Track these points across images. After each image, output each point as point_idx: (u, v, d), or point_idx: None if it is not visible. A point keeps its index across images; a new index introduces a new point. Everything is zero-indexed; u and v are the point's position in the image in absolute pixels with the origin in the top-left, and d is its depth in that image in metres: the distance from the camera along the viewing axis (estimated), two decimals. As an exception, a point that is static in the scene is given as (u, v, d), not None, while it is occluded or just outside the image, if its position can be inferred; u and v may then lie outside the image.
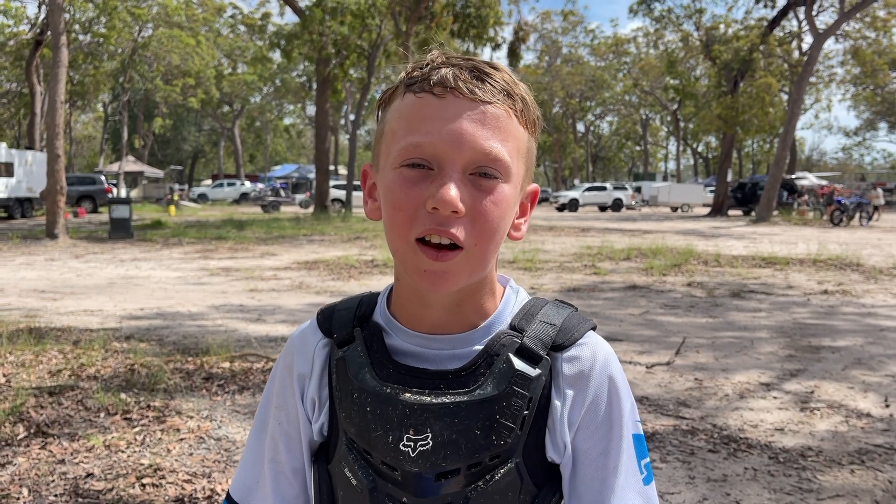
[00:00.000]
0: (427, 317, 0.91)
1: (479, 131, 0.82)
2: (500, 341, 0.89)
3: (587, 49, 64.34)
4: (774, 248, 15.97)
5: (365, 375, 0.89)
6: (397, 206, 0.83)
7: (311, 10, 25.34)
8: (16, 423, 3.98)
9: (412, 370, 0.89)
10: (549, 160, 71.06)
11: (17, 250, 15.16)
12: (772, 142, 57.37)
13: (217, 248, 15.87)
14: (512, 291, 0.97)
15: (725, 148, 36.16)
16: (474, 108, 0.83)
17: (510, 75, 0.87)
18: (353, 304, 0.98)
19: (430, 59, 0.87)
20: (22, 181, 27.68)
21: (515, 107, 0.86)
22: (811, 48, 28.59)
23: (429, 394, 0.86)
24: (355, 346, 0.92)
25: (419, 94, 0.84)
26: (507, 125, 0.84)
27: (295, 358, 0.98)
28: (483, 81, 0.84)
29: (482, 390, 0.86)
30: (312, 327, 0.99)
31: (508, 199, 0.85)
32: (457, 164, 0.82)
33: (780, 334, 6.95)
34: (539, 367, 0.88)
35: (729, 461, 3.68)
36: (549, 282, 10.51)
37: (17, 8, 32.85)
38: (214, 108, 58.10)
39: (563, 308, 0.95)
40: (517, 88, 0.87)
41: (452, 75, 0.83)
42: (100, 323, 7.14)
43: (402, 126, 0.85)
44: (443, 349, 0.90)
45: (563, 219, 31.82)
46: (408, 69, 0.88)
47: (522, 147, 0.88)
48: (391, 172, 0.85)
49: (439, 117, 0.82)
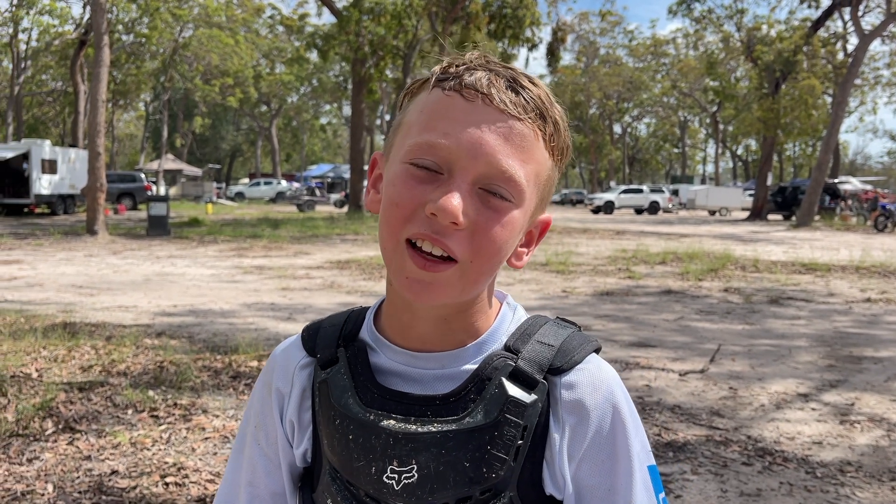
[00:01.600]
0: (414, 329, 0.84)
1: (500, 146, 0.76)
2: (493, 363, 0.81)
3: (625, 50, 63.77)
4: (815, 253, 15.61)
5: (348, 401, 0.83)
6: (395, 201, 0.77)
7: (348, 10, 25.47)
8: (45, 419, 4.01)
9: (397, 395, 0.82)
10: (584, 162, 70.56)
11: (57, 246, 15.47)
12: (814, 145, 56.22)
13: (252, 246, 16.02)
14: (509, 308, 0.90)
15: (766, 151, 35.51)
16: (502, 120, 0.76)
17: (548, 95, 0.81)
18: (339, 321, 0.92)
19: (468, 58, 0.81)
20: (65, 178, 28.28)
21: (545, 129, 0.79)
22: (856, 49, 27.94)
23: (414, 421, 0.80)
24: (339, 368, 0.86)
25: (448, 91, 0.78)
26: (532, 147, 0.78)
27: (275, 375, 0.92)
28: (518, 94, 0.78)
29: (472, 418, 0.79)
30: (296, 344, 0.93)
31: (516, 223, 0.79)
32: (468, 174, 0.75)
33: (820, 343, 6.76)
34: (535, 393, 0.80)
35: (763, 475, 3.56)
36: (582, 285, 10.39)
37: (62, 8, 33.62)
38: (252, 107, 58.80)
39: (564, 327, 0.87)
40: (552, 110, 0.80)
41: (487, 81, 0.77)
42: (133, 319, 7.22)
43: (421, 121, 0.79)
44: (430, 368, 0.84)
45: (598, 221, 31.53)
46: (443, 64, 0.82)
47: (543, 174, 0.81)
48: (399, 166, 0.79)
49: (462, 121, 0.76)
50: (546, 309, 8.32)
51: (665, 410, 4.56)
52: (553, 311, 8.24)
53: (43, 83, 46.79)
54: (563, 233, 21.80)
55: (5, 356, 5.25)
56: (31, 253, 13.88)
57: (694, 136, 76.99)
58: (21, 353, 5.39)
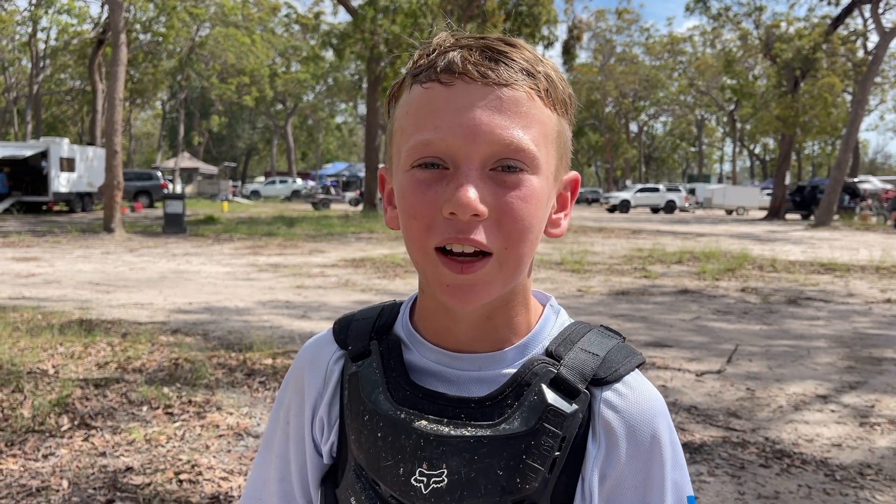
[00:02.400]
0: (454, 332, 0.81)
1: (495, 120, 0.72)
2: (533, 369, 0.77)
3: (642, 48, 63.38)
4: (834, 253, 15.43)
5: (379, 396, 0.79)
6: (412, 213, 0.74)
7: (364, 8, 25.50)
8: (61, 415, 4.03)
9: (431, 394, 0.79)
10: (600, 160, 70.26)
11: (75, 243, 15.60)
12: (833, 143, 55.70)
13: (267, 244, 16.07)
14: (552, 311, 0.86)
15: (784, 149, 35.18)
16: (488, 93, 0.72)
17: (531, 51, 0.77)
18: (372, 314, 0.88)
19: (436, 43, 0.77)
20: (83, 176, 28.52)
21: (538, 86, 0.75)
22: (877, 47, 27.60)
23: (448, 423, 0.76)
24: (371, 361, 0.82)
25: (426, 84, 0.75)
26: (530, 109, 0.74)
27: (306, 372, 0.89)
28: (497, 62, 0.73)
29: (508, 425, 0.75)
30: (328, 338, 0.90)
31: (539, 192, 0.74)
32: (473, 159, 0.72)
33: (839, 344, 6.67)
34: (576, 403, 0.76)
35: (781, 477, 3.51)
36: (598, 284, 10.33)
37: (80, 8, 33.89)
38: (268, 106, 59.05)
39: (609, 337, 0.83)
40: (540, 65, 0.76)
41: (461, 58, 0.73)
42: (149, 316, 7.25)
43: (410, 122, 0.75)
44: (467, 370, 0.80)
45: (614, 220, 31.38)
46: (414, 57, 0.79)
47: (551, 132, 0.76)
48: (403, 175, 0.75)
49: (449, 108, 0.72)
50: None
51: (681, 411, 4.51)
52: (568, 310, 8.16)
53: (61, 82, 47.26)
54: (578, 232, 21.71)
55: (22, 352, 5.29)
56: (48, 250, 14.01)
57: (711, 135, 76.48)
58: (38, 349, 5.43)
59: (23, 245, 14.90)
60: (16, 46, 44.59)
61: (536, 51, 0.78)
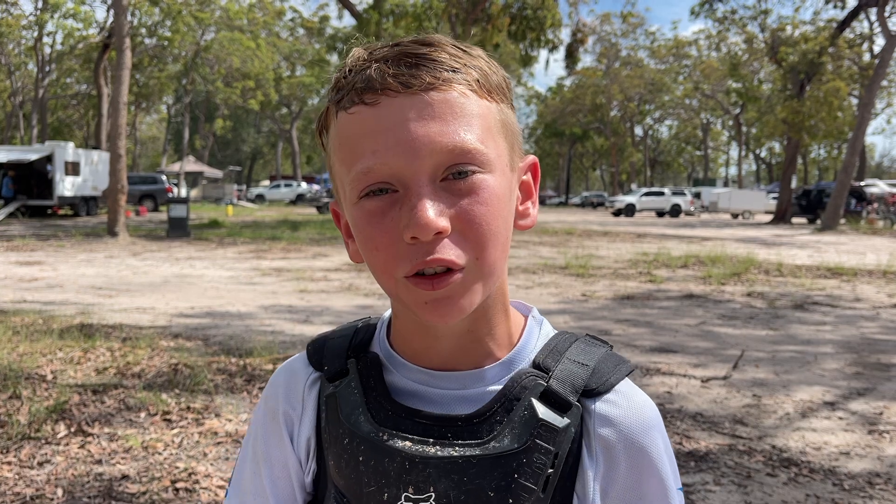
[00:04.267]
0: (435, 349, 0.77)
1: (432, 128, 0.67)
2: (521, 382, 0.74)
3: (647, 52, 63.32)
4: (841, 258, 15.33)
5: (359, 418, 0.74)
6: (373, 246, 0.70)
7: (368, 12, 25.54)
8: (57, 421, 3.99)
9: (414, 413, 0.74)
10: (606, 164, 70.17)
11: (79, 247, 15.60)
12: (840, 147, 55.49)
13: (270, 248, 16.05)
14: (535, 323, 0.82)
15: (790, 153, 35.04)
16: (417, 102, 0.68)
17: (452, 46, 0.72)
18: (348, 332, 0.84)
19: (350, 63, 0.73)
20: (88, 180, 28.58)
21: (468, 79, 0.70)
22: (883, 51, 27.47)
23: (433, 444, 0.71)
24: (349, 380, 0.78)
25: (350, 109, 0.70)
26: (464, 106, 0.69)
27: (281, 397, 0.84)
28: (417, 67, 0.69)
29: (498, 443, 0.71)
30: (302, 360, 0.85)
31: (497, 191, 0.70)
32: (421, 175, 0.67)
33: (847, 350, 6.59)
34: (568, 416, 0.73)
35: (789, 486, 3.44)
36: (603, 289, 10.26)
37: (86, 12, 34.01)
38: (273, 110, 59.13)
39: (597, 346, 0.80)
40: (464, 58, 0.71)
41: (378, 73, 0.69)
42: (150, 321, 7.22)
43: (346, 153, 0.71)
44: (451, 388, 0.76)
45: (619, 224, 31.29)
46: (332, 83, 0.74)
47: (494, 123, 0.72)
48: (353, 208, 0.71)
49: (381, 129, 0.68)
50: (566, 313, 8.22)
51: (686, 418, 4.44)
52: (573, 315, 8.13)
53: (67, 86, 47.42)
54: (583, 235, 21.64)
55: (21, 357, 5.25)
56: (52, 254, 14.00)
57: (716, 139, 76.30)
58: (37, 354, 5.39)
59: (27, 249, 14.91)
60: (22, 51, 44.75)
61: (455, 41, 0.73)
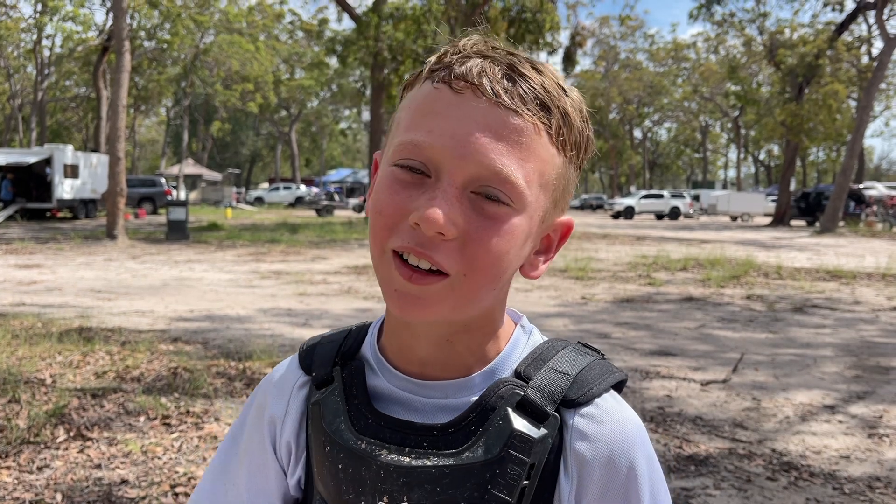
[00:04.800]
0: (414, 351, 0.77)
1: (491, 143, 0.67)
2: (498, 391, 0.73)
3: (646, 54, 63.37)
4: (840, 260, 15.34)
5: (340, 426, 0.75)
6: (379, 209, 0.70)
7: (368, 15, 25.54)
8: (57, 426, 3.98)
9: (394, 422, 0.74)
10: (605, 167, 70.18)
11: (78, 250, 15.58)
12: (838, 150, 55.52)
13: (269, 251, 16.04)
14: (523, 332, 0.81)
15: (788, 156, 35.08)
16: (494, 114, 0.67)
17: (556, 81, 0.72)
18: (338, 338, 0.84)
19: (463, 45, 0.73)
20: (86, 183, 28.56)
21: (550, 122, 0.70)
22: (881, 53, 27.50)
23: (409, 453, 0.72)
24: (333, 388, 0.78)
25: (436, 84, 0.70)
26: (532, 143, 0.68)
27: (268, 398, 0.84)
28: (514, 83, 0.69)
29: (471, 453, 0.70)
30: (293, 364, 0.85)
31: (516, 231, 0.69)
32: (457, 176, 0.67)
33: (846, 353, 6.59)
34: (545, 427, 0.71)
35: (789, 490, 3.44)
36: (602, 291, 10.26)
37: (85, 15, 34.01)
38: (272, 112, 59.11)
39: (585, 354, 0.78)
40: (560, 100, 0.71)
41: (479, 69, 0.69)
42: (149, 324, 7.21)
43: (407, 117, 0.72)
44: (434, 397, 0.76)
45: (618, 226, 31.29)
46: (440, 52, 0.74)
47: (550, 172, 0.71)
48: (386, 169, 0.72)
49: (448, 115, 0.68)
50: (565, 316, 8.22)
51: (686, 422, 4.44)
52: (572, 318, 8.13)
53: (66, 89, 47.39)
54: (582, 238, 21.64)
55: (20, 361, 5.25)
56: (51, 257, 13.99)
57: (715, 141, 76.33)
58: (36, 358, 5.38)
59: (26, 252, 14.89)
60: (21, 53, 44.75)
61: (562, 82, 0.72)
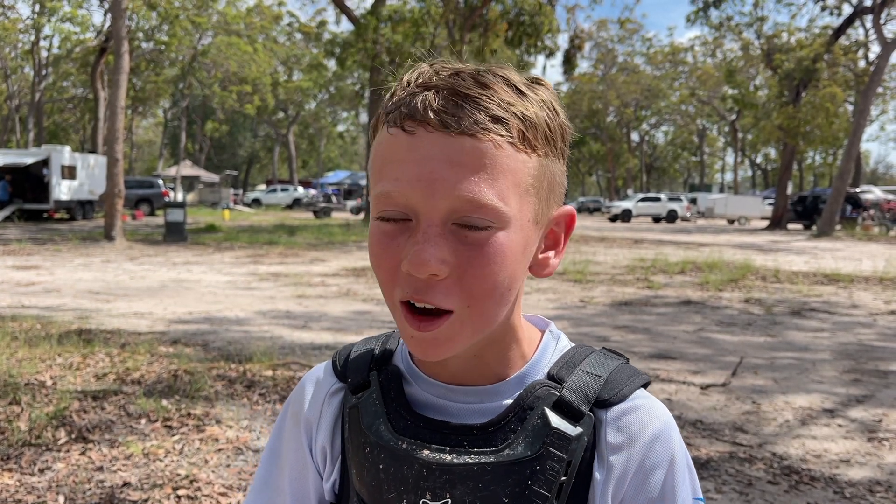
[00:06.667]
0: (447, 365, 0.79)
1: (454, 174, 0.67)
2: (535, 392, 0.76)
3: (643, 58, 63.49)
4: (837, 264, 15.37)
5: (379, 427, 0.77)
6: (377, 263, 0.73)
7: (366, 17, 25.56)
8: (58, 428, 3.98)
9: (432, 423, 0.77)
10: (602, 170, 70.28)
11: (75, 251, 15.56)
12: (835, 154, 55.67)
13: (268, 252, 16.03)
14: (552, 337, 0.83)
15: (786, 159, 35.16)
16: (450, 144, 0.67)
17: (510, 87, 0.71)
18: (371, 346, 0.87)
19: (408, 79, 0.73)
20: (84, 184, 28.52)
21: (510, 131, 0.69)
22: (879, 57, 27.60)
23: (450, 451, 0.74)
24: (370, 392, 0.80)
25: (391, 129, 0.71)
26: (496, 159, 0.68)
27: (304, 403, 0.87)
28: (461, 108, 0.68)
29: (512, 450, 0.72)
30: (326, 370, 0.88)
31: (507, 247, 0.70)
32: (433, 216, 0.68)
33: (844, 356, 6.61)
34: (580, 426, 0.74)
35: (790, 494, 3.45)
36: (600, 295, 10.27)
37: (83, 16, 33.99)
38: (270, 114, 59.09)
39: (612, 358, 0.81)
40: (515, 106, 0.69)
41: (423, 104, 0.68)
42: (148, 326, 7.20)
43: (376, 167, 0.73)
44: (468, 402, 0.78)
45: (616, 230, 31.33)
46: (391, 90, 0.74)
47: (525, 179, 0.70)
48: (372, 222, 0.74)
49: (408, 160, 0.68)
50: (564, 319, 8.23)
51: (686, 425, 4.45)
52: (571, 321, 8.14)
53: (64, 90, 47.37)
54: (580, 241, 21.66)
55: (20, 363, 5.24)
56: (49, 258, 13.97)
57: (712, 145, 76.49)
58: (36, 360, 5.37)
59: (23, 253, 14.86)
60: (18, 54, 44.72)
61: (518, 84, 0.72)
